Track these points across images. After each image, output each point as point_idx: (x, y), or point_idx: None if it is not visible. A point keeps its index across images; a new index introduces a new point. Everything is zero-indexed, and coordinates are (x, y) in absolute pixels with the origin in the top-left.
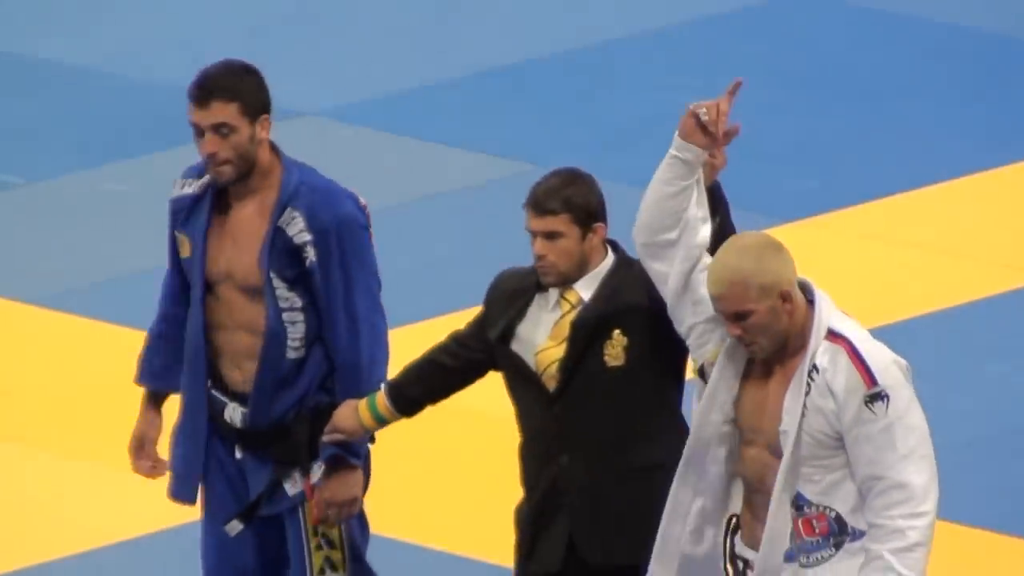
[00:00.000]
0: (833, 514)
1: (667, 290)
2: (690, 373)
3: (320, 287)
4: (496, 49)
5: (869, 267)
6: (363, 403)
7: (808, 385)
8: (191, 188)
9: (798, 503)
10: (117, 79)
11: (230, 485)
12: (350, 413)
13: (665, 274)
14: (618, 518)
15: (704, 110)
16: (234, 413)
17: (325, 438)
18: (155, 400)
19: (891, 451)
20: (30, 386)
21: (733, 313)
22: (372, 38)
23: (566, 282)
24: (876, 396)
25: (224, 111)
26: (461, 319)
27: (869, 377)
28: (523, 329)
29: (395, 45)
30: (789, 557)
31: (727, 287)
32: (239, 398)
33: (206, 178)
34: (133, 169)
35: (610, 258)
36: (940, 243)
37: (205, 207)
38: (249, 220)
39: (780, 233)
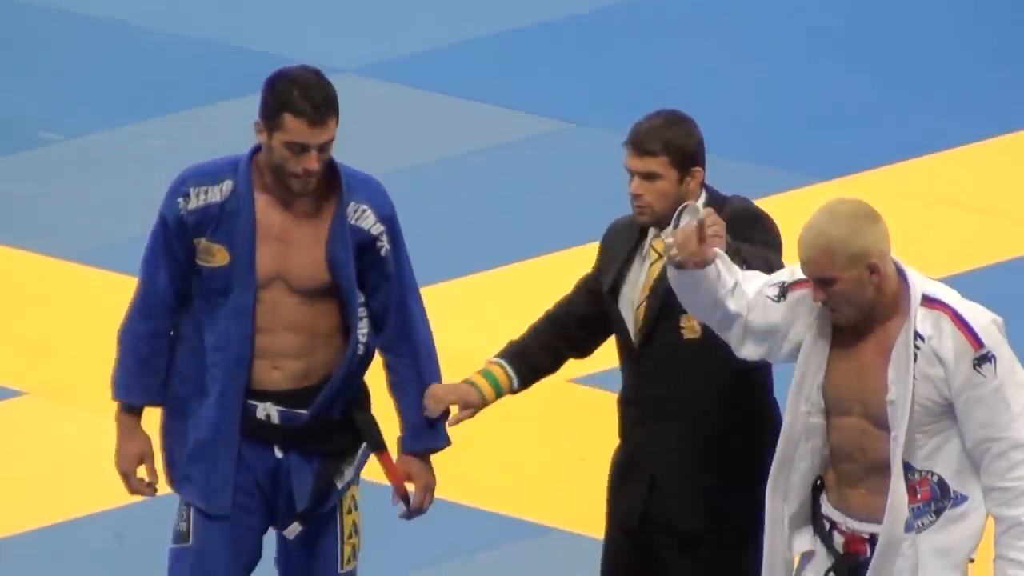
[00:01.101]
0: (936, 478)
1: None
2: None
3: (393, 275)
4: (534, 5)
5: (906, 225)
6: (482, 378)
7: (914, 354)
8: (215, 195)
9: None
10: (156, 34)
11: (258, 487)
12: (468, 389)
13: (734, 336)
14: (695, 484)
15: (675, 251)
16: (271, 411)
17: (448, 419)
18: (138, 415)
19: (1005, 411)
20: (69, 343)
21: (818, 279)
22: None
23: (661, 223)
24: (984, 358)
25: (333, 128)
26: (497, 277)
27: (975, 340)
28: (628, 282)
29: (430, 1)
30: (908, 527)
31: (815, 252)
32: (274, 397)
33: (228, 183)
34: (172, 124)
35: (701, 203)
36: (975, 202)
37: (244, 212)
38: (304, 219)
39: (817, 192)
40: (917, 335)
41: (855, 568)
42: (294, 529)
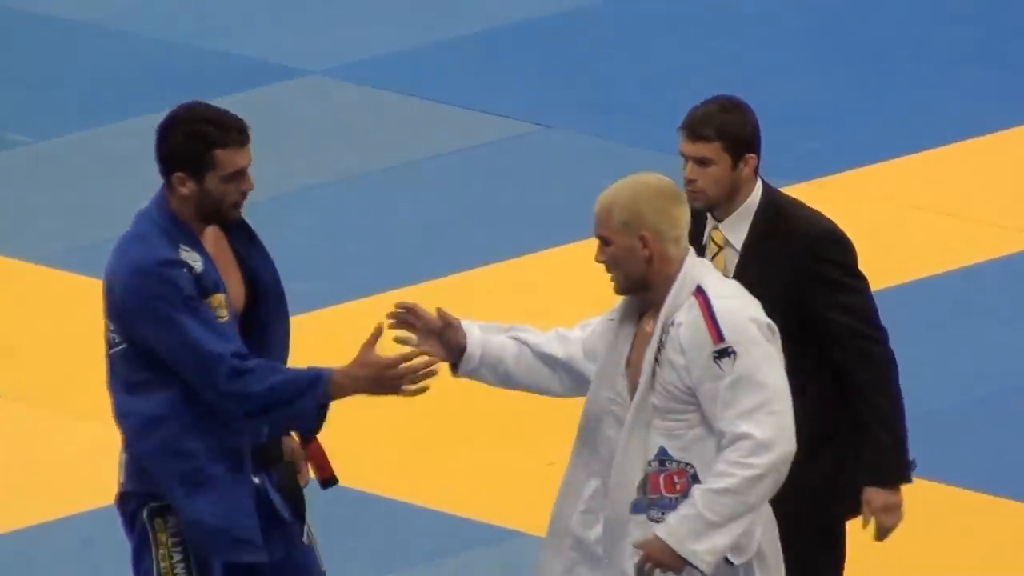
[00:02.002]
0: (692, 471)
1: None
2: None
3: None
4: (502, 8)
5: (872, 229)
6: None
7: (662, 340)
8: (195, 254)
9: (661, 457)
10: (124, 36)
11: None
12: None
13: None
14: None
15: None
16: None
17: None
18: None
19: (735, 407)
20: (35, 345)
21: (597, 235)
22: None
23: (713, 207)
24: (723, 352)
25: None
26: (463, 280)
27: (717, 333)
28: None
29: (399, 4)
30: (637, 508)
31: (599, 208)
32: None
33: (182, 247)
34: (139, 127)
35: (758, 192)
36: (943, 205)
37: (211, 261)
38: (220, 247)
39: None
40: (673, 322)
41: None
42: (307, 531)
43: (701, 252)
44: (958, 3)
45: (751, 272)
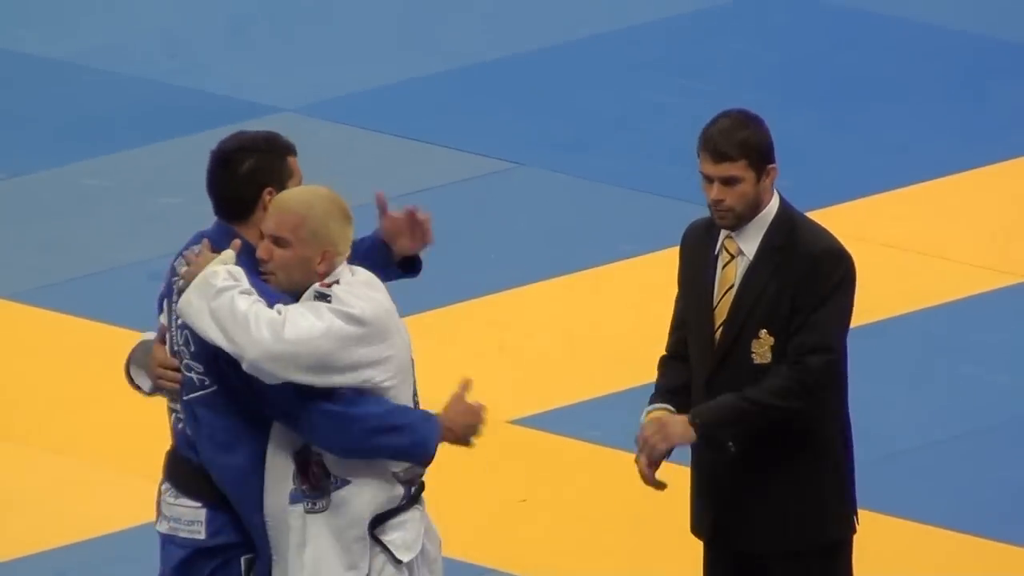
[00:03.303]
0: (319, 459)
1: None
2: None
3: None
4: (473, 46)
5: None
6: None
7: None
8: None
9: (308, 447)
10: (97, 73)
11: None
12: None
13: None
14: (758, 508)
15: None
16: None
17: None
18: None
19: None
20: (7, 381)
21: (274, 236)
22: (348, 35)
23: (741, 224)
24: (322, 295)
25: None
26: (436, 317)
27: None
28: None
29: (371, 42)
30: (295, 499)
31: (286, 211)
32: None
33: None
34: (113, 164)
35: (775, 203)
36: (914, 244)
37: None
38: None
39: None
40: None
41: None
42: None
43: (714, 261)
44: (932, 41)
45: (758, 281)
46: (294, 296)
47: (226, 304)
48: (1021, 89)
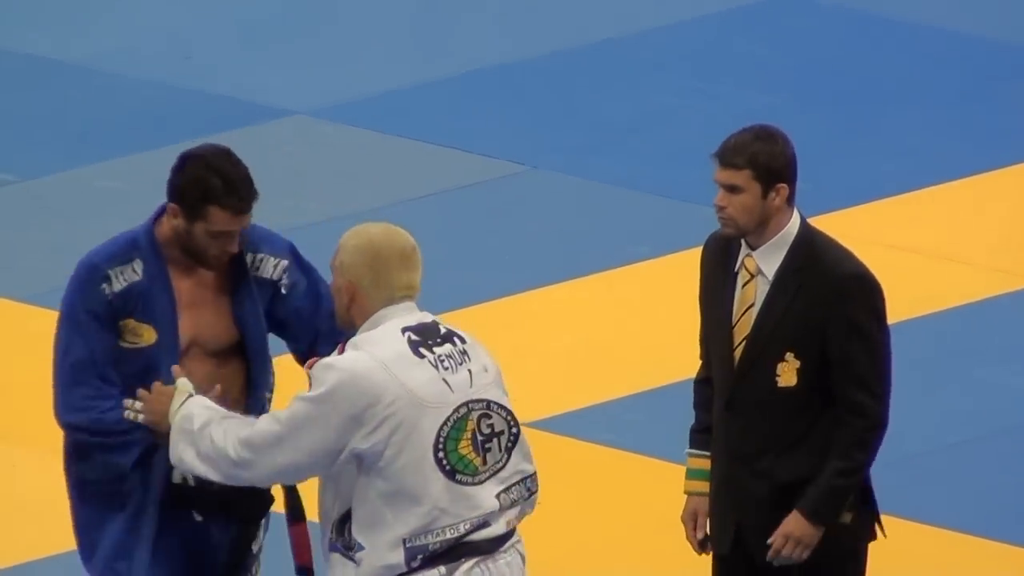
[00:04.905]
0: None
1: None
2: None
3: (311, 293)
4: (485, 49)
5: None
6: (696, 482)
7: None
8: (134, 275)
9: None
10: (110, 77)
11: (180, 551)
12: (697, 501)
13: None
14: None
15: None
16: (188, 475)
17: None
18: None
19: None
20: (19, 384)
21: (332, 264)
22: (361, 37)
23: (744, 234)
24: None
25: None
26: (449, 320)
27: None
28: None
29: (384, 44)
30: (333, 548)
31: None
32: None
33: (138, 261)
34: (125, 167)
35: (795, 224)
36: (930, 247)
37: (161, 287)
38: (210, 280)
39: None
40: None
41: None
42: None
43: (732, 278)
44: (946, 45)
45: (779, 303)
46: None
47: (207, 443)
48: None
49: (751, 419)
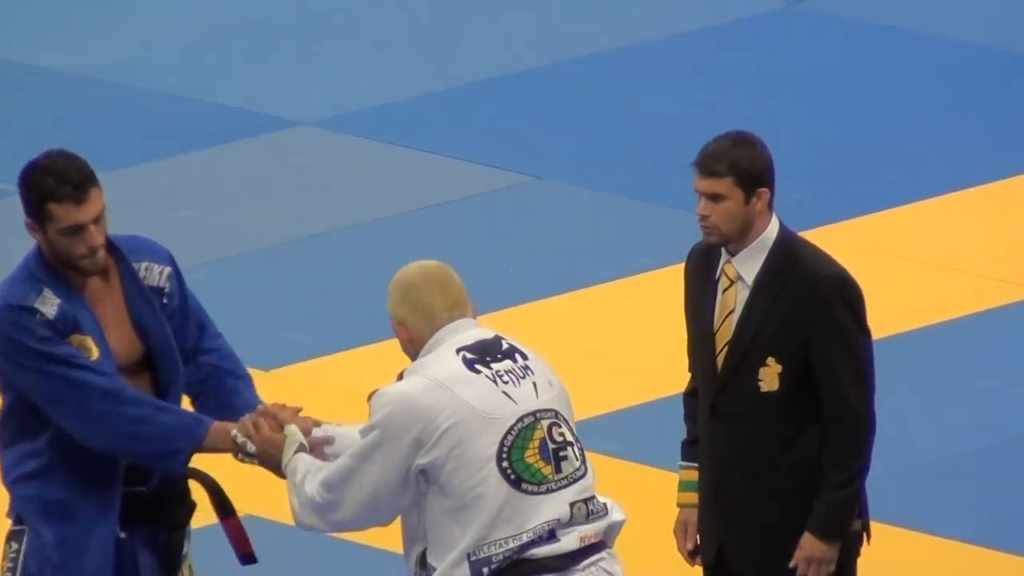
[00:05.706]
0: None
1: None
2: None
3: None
4: (491, 60)
5: (862, 280)
6: (688, 494)
7: None
8: (55, 299)
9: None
10: (114, 87)
11: (105, 569)
12: (690, 512)
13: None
14: (762, 534)
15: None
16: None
17: None
18: None
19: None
20: None
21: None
22: (368, 48)
23: (727, 242)
24: (368, 427)
25: (100, 199)
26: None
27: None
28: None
29: (390, 55)
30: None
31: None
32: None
33: (45, 289)
34: (130, 177)
35: (774, 228)
36: (933, 257)
37: (81, 304)
38: (104, 296)
39: None
40: None
41: None
42: None
43: (714, 285)
44: (949, 54)
45: (759, 308)
46: None
47: (304, 495)
48: None
49: (736, 426)
